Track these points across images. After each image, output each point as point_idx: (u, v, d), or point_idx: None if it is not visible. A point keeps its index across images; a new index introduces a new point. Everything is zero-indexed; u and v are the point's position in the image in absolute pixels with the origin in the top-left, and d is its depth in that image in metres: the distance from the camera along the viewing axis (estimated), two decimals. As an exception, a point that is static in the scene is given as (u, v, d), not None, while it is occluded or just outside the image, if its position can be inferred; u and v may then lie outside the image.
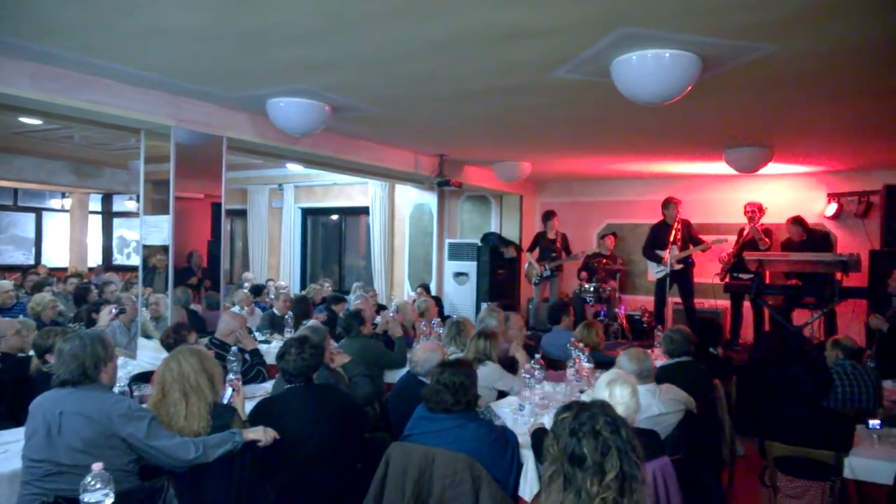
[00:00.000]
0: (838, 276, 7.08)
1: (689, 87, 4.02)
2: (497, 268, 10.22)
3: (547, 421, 3.82)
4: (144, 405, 3.45)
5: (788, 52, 3.83)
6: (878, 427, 3.76)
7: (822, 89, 4.72)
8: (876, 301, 6.77)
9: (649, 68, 3.83)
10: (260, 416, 3.48)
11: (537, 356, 4.63)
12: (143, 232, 5.49)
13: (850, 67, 4.17)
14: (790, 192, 9.09)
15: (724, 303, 8.78)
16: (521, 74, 4.44)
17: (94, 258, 13.51)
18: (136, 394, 4.14)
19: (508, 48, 3.89)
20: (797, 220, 8.04)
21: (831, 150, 7.29)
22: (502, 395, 4.63)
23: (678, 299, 8.76)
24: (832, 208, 8.72)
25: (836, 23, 3.39)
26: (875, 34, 3.54)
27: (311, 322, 6.63)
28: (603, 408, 2.20)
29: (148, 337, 5.74)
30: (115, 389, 3.67)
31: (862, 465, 3.53)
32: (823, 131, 6.26)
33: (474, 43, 3.81)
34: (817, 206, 8.88)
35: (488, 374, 4.59)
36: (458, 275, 10.56)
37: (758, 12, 3.27)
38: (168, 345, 4.48)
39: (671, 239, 8.46)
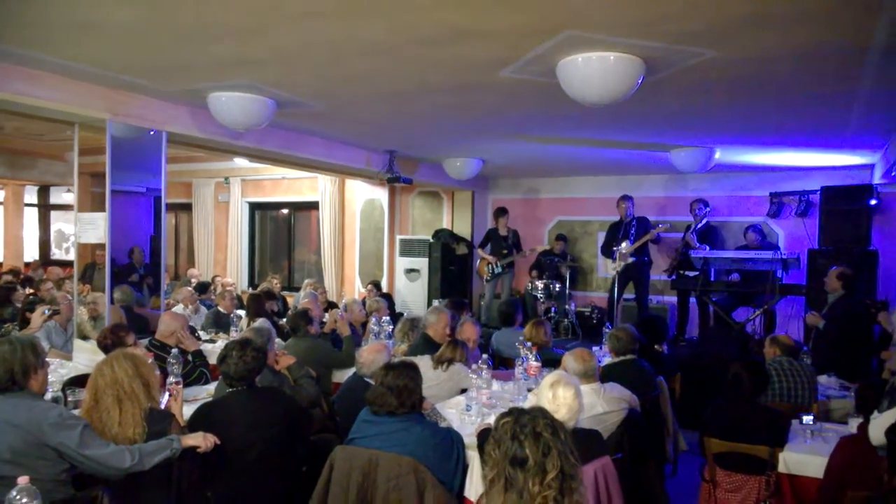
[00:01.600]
0: (779, 273, 7.32)
1: (634, 90, 4.06)
2: (449, 264, 10.23)
3: (493, 421, 3.82)
4: (77, 411, 3.35)
5: (728, 58, 3.91)
6: (811, 423, 3.87)
7: (761, 93, 4.83)
8: (814, 298, 6.98)
9: (594, 70, 3.86)
10: (200, 421, 3.40)
11: (485, 356, 4.64)
12: (78, 229, 5.30)
13: (786, 73, 4.28)
14: (734, 190, 9.32)
15: (672, 299, 8.96)
16: (467, 74, 4.42)
17: (31, 253, 13.03)
18: (70, 399, 3.99)
19: (453, 48, 3.86)
20: (755, 228, 8.30)
21: (771, 152, 7.49)
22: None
23: (630, 296, 8.92)
24: (774, 207, 8.97)
25: (771, 31, 3.47)
26: (807, 42, 3.64)
27: (259, 321, 6.53)
28: (542, 412, 2.26)
29: (84, 338, 5.54)
30: (48, 395, 3.56)
31: (795, 459, 3.64)
32: (764, 133, 6.43)
33: (418, 42, 3.77)
34: (760, 205, 9.13)
35: (455, 372, 4.68)
36: (409, 271, 10.53)
37: (697, 20, 3.32)
38: (105, 346, 4.33)
39: (621, 234, 8.61)
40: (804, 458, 3.62)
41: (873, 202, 7.65)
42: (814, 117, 5.60)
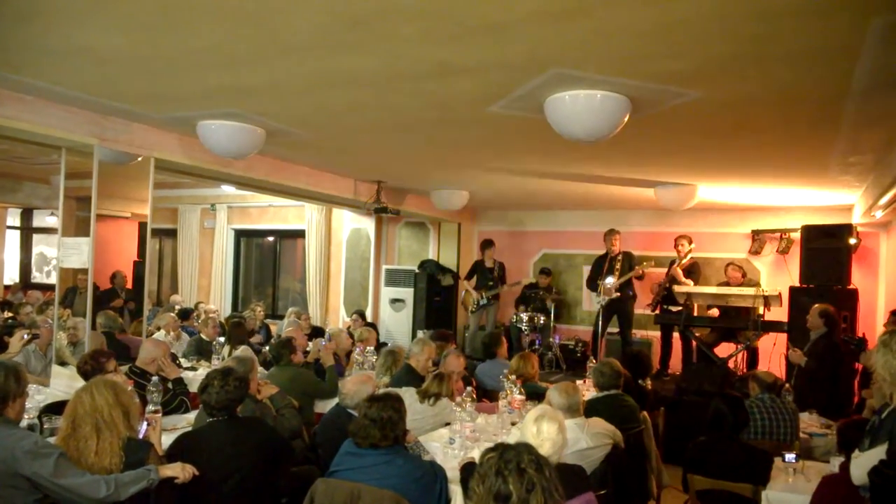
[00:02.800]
0: (760, 310, 7.37)
1: (620, 127, 4.12)
2: (434, 295, 10.22)
3: (477, 454, 3.80)
4: (53, 439, 3.30)
5: (712, 98, 3.98)
6: (793, 461, 3.87)
7: (744, 133, 4.91)
8: (796, 335, 7.02)
9: (581, 108, 3.91)
10: (178, 451, 3.35)
11: (469, 389, 4.62)
12: (62, 254, 5.25)
13: (769, 114, 4.37)
14: (718, 227, 9.42)
15: (655, 333, 8.99)
16: (456, 108, 4.47)
17: (11, 276, 12.88)
18: (46, 426, 3.93)
19: (442, 83, 3.91)
20: (737, 265, 8.37)
21: (754, 190, 7.60)
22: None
23: (613, 330, 8.94)
24: (756, 244, 9.07)
25: (754, 72, 3.54)
26: (789, 84, 3.73)
27: (240, 349, 6.47)
28: (528, 448, 2.24)
29: (63, 364, 5.45)
30: (24, 422, 3.49)
31: (778, 498, 3.64)
32: (746, 172, 6.53)
33: (406, 77, 3.82)
34: (742, 242, 9.23)
35: (443, 407, 4.66)
36: (394, 301, 10.50)
37: (682, 61, 3.39)
38: (85, 372, 4.27)
39: (606, 268, 8.67)
40: (787, 496, 3.63)
41: (853, 241, 7.76)
42: (795, 157, 5.69)
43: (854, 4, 2.69)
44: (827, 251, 7.47)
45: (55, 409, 4.27)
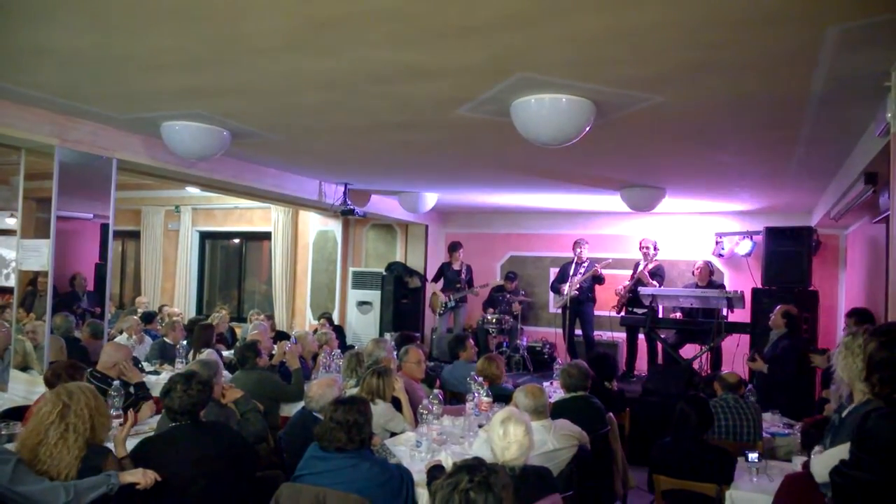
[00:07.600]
0: (724, 311, 7.50)
1: (585, 131, 4.15)
2: (401, 297, 10.21)
3: (444, 457, 3.81)
4: (11, 445, 3.22)
5: (676, 103, 4.04)
6: (756, 460, 3.94)
7: (707, 137, 5.00)
8: (758, 337, 7.16)
9: (546, 111, 3.94)
10: (140, 456, 3.29)
11: (436, 391, 4.61)
12: (21, 256, 5.14)
13: (731, 118, 4.45)
14: (682, 230, 9.57)
15: (621, 335, 9.09)
16: (422, 111, 4.47)
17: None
18: (3, 432, 3.83)
19: (408, 86, 3.91)
20: (702, 267, 8.51)
21: (717, 193, 7.73)
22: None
23: (579, 332, 9.04)
24: (719, 247, 9.23)
25: (716, 78, 3.60)
26: (751, 90, 3.80)
27: (206, 352, 6.38)
28: (471, 473, 2.20)
29: (24, 369, 5.31)
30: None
31: (742, 497, 3.68)
32: (710, 176, 6.64)
33: (372, 79, 3.81)
34: (706, 245, 9.38)
35: (380, 415, 4.45)
36: (361, 304, 10.47)
37: (645, 66, 3.44)
38: (52, 384, 4.15)
39: (571, 274, 8.77)
40: (750, 495, 3.67)
41: (814, 243, 7.94)
42: (757, 160, 5.80)
43: (809, 13, 2.75)
44: (788, 253, 7.64)
45: (13, 414, 4.16)
